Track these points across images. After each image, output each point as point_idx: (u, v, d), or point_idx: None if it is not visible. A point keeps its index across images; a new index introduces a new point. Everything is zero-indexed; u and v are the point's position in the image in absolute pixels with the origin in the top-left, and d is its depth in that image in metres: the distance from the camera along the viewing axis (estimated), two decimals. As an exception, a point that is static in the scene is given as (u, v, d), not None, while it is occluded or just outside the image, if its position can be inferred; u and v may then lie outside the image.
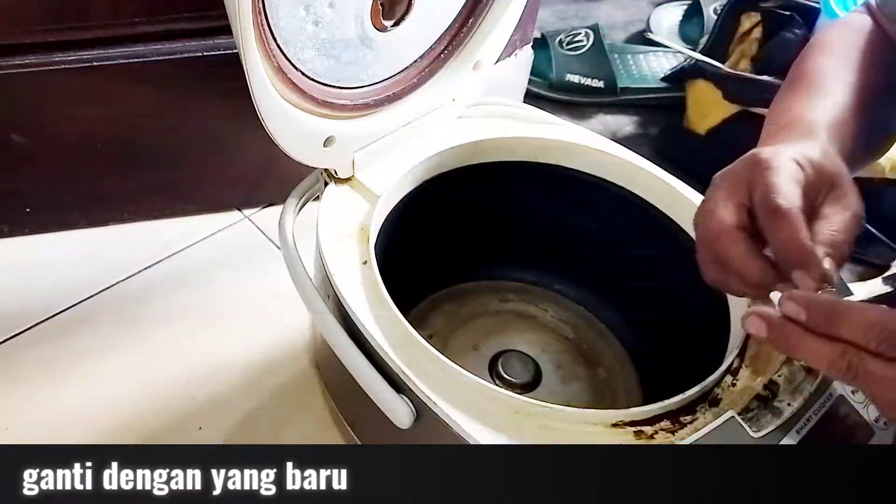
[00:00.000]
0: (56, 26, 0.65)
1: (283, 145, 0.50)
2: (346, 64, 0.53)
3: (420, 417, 0.44)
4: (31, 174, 0.74)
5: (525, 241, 0.67)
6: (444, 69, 0.59)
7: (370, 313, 0.47)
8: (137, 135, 0.74)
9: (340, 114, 0.54)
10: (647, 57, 1.12)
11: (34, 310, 0.71)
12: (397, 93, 0.57)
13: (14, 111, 0.69)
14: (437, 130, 0.60)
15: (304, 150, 0.52)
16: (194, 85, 0.70)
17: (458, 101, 0.62)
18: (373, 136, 0.57)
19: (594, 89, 1.08)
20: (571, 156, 0.60)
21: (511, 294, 0.69)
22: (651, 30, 1.18)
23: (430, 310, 0.67)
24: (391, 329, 0.46)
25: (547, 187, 0.62)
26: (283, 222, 0.54)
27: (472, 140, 0.59)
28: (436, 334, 0.66)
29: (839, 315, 0.35)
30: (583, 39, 1.10)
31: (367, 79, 0.55)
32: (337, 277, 0.49)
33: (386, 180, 0.56)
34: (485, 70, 0.62)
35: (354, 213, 0.54)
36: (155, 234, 0.80)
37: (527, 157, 0.61)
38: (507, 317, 0.68)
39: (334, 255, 0.50)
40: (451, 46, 0.59)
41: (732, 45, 0.98)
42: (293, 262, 0.51)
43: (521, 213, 0.65)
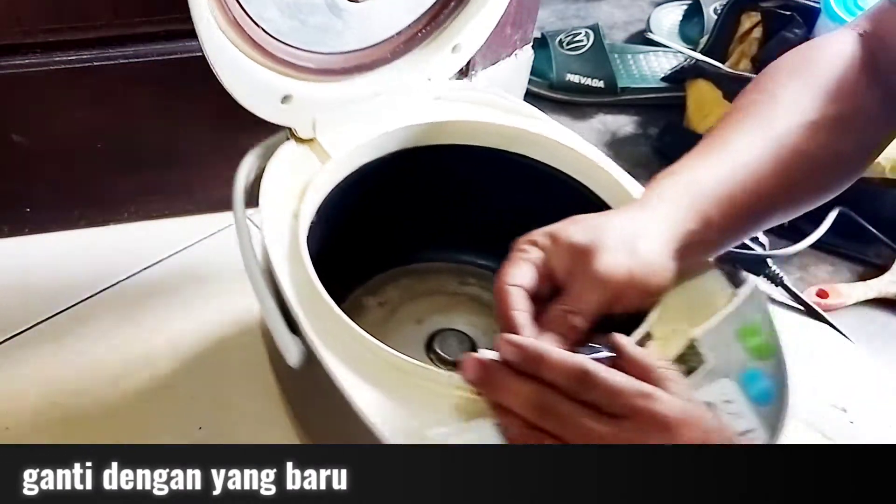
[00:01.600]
0: (56, 26, 0.65)
1: (235, 96, 0.52)
2: (312, 28, 0.53)
3: (309, 361, 0.47)
4: (31, 174, 0.74)
5: (491, 228, 0.67)
6: (420, 48, 0.60)
7: (286, 261, 0.49)
8: (137, 135, 0.74)
9: (302, 75, 0.55)
10: (647, 57, 1.12)
11: (34, 310, 0.71)
12: (367, 64, 0.57)
13: (14, 111, 0.69)
14: (409, 107, 0.61)
15: (258, 104, 0.54)
16: (194, 85, 0.70)
17: (434, 82, 0.62)
18: (336, 101, 0.58)
19: (594, 89, 1.08)
20: (534, 146, 0.61)
21: (472, 279, 0.70)
22: (651, 30, 1.18)
23: (389, 281, 0.68)
24: (300, 278, 0.48)
25: (512, 176, 0.63)
26: (238, 174, 0.55)
27: (437, 120, 0.61)
28: (386, 303, 0.66)
29: (545, 356, 0.38)
30: (583, 39, 1.10)
31: (336, 47, 0.56)
32: (267, 225, 0.51)
33: (345, 145, 0.57)
34: (464, 55, 0.62)
35: (307, 172, 0.56)
36: (155, 234, 0.80)
37: (492, 144, 0.62)
38: (461, 299, 0.68)
39: (272, 206, 0.53)
40: (430, 27, 0.59)
41: (733, 44, 0.98)
42: (238, 212, 0.53)
43: (486, 200, 0.66)
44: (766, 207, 0.49)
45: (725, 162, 0.47)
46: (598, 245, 0.43)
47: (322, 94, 0.57)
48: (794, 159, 0.48)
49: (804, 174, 0.49)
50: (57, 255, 0.77)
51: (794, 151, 0.48)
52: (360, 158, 0.59)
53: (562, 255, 0.44)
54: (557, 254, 0.44)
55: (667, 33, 1.18)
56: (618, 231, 0.44)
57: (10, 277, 0.74)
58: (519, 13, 0.89)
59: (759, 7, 0.95)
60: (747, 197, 0.47)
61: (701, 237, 0.46)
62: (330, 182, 0.57)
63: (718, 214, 0.46)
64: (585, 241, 0.44)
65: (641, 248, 0.44)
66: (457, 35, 0.60)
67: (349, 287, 0.67)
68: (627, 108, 1.08)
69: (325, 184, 0.56)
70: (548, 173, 0.61)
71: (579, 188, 0.60)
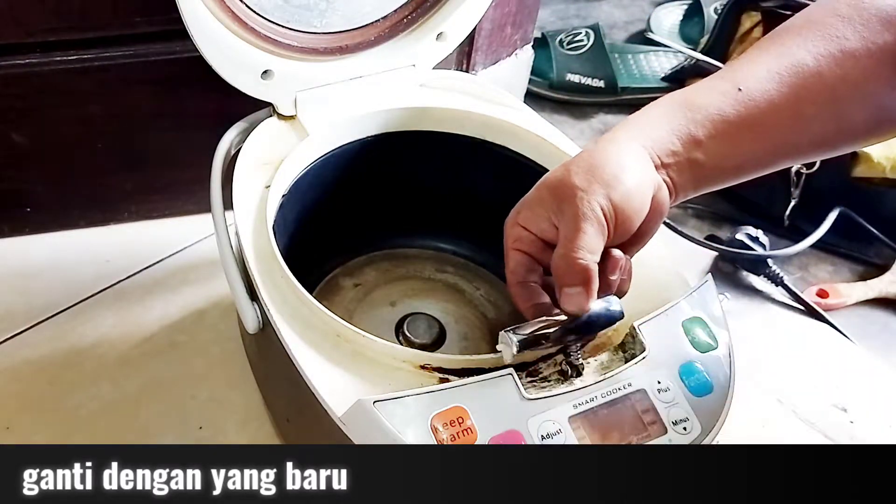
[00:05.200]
0: (56, 26, 0.65)
1: (214, 66, 0.53)
2: (296, 7, 0.54)
3: (265, 327, 0.49)
4: (31, 174, 0.74)
5: (470, 217, 0.68)
6: (405, 34, 0.60)
7: (251, 230, 0.51)
8: (137, 135, 0.74)
9: (284, 52, 0.55)
10: (647, 56, 1.12)
11: (34, 309, 0.71)
12: (350, 46, 0.58)
13: (14, 111, 0.69)
14: (392, 91, 0.62)
15: (238, 77, 0.55)
16: (194, 85, 0.70)
17: (419, 68, 0.63)
18: (318, 80, 0.58)
19: (594, 89, 1.08)
20: (514, 137, 0.61)
21: (450, 267, 0.70)
22: (651, 29, 1.18)
23: (367, 264, 0.69)
24: (262, 247, 0.49)
25: (492, 166, 0.63)
26: (218, 147, 0.56)
27: (420, 106, 0.61)
28: (361, 285, 0.66)
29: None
30: (583, 39, 1.10)
31: (320, 27, 0.56)
32: (238, 194, 0.53)
33: (326, 124, 0.58)
34: (450, 43, 0.63)
35: (286, 148, 0.56)
36: (155, 234, 0.80)
37: (473, 133, 0.62)
38: (436, 285, 0.68)
39: (246, 177, 0.54)
40: (416, 13, 0.60)
41: (733, 44, 0.98)
42: (215, 183, 0.55)
43: (466, 189, 0.66)
44: (760, 139, 0.44)
45: (726, 81, 0.44)
46: (569, 184, 0.42)
47: (304, 73, 0.57)
48: (809, 87, 0.43)
49: (817, 108, 0.44)
50: (57, 255, 0.77)
51: (813, 78, 0.43)
52: (340, 138, 0.59)
53: (544, 217, 0.43)
54: (541, 217, 0.44)
55: (667, 33, 1.18)
56: (586, 162, 0.43)
57: (10, 277, 0.74)
58: (519, 13, 0.89)
59: (760, 7, 0.95)
60: (741, 120, 0.43)
61: (685, 158, 0.44)
62: (307, 158, 0.57)
63: (706, 134, 0.43)
64: (559, 181, 0.43)
65: (620, 176, 0.42)
66: (442, 23, 0.61)
67: (328, 268, 0.67)
68: (628, 108, 1.08)
69: (302, 159, 0.57)
70: (527, 165, 0.61)
71: None
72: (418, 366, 0.44)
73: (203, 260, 0.78)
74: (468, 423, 0.40)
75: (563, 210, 0.42)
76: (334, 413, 0.41)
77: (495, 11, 0.85)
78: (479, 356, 0.45)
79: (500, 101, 0.63)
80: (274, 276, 0.48)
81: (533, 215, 0.44)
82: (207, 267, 0.77)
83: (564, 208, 0.42)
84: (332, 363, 0.44)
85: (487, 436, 0.40)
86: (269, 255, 0.49)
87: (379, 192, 0.65)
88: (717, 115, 0.44)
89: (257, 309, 0.50)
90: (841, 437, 0.69)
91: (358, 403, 0.40)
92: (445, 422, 0.40)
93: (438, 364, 0.44)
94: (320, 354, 0.44)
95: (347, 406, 0.41)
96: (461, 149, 0.62)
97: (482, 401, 0.41)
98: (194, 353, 0.69)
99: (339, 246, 0.67)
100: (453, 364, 0.44)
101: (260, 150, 0.56)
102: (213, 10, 0.50)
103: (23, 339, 0.69)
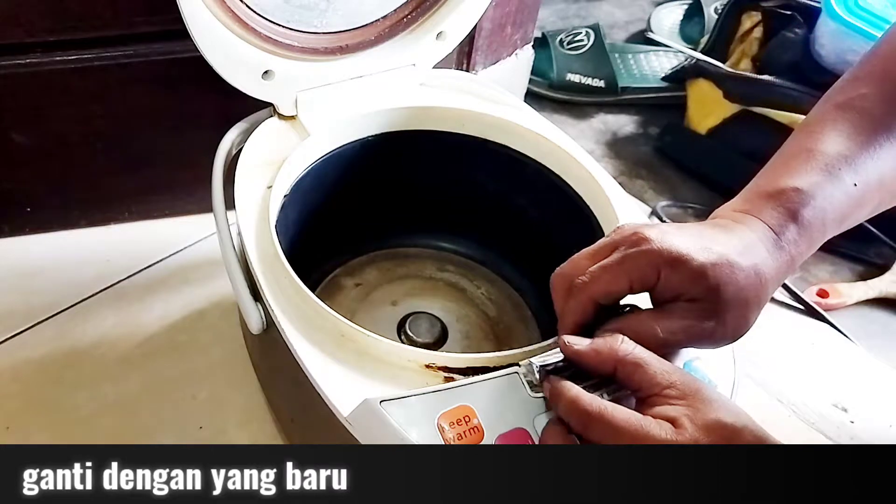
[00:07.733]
0: (56, 26, 0.65)
1: (215, 66, 0.53)
2: (296, 7, 0.54)
3: (269, 327, 0.49)
4: (31, 174, 0.74)
5: (471, 216, 0.68)
6: (405, 33, 0.60)
7: (254, 230, 0.51)
8: (137, 135, 0.74)
9: (285, 52, 0.55)
10: (647, 56, 1.12)
11: (35, 309, 0.71)
12: (351, 45, 0.58)
13: (14, 111, 0.69)
14: (393, 91, 0.62)
15: (239, 77, 0.55)
16: (194, 85, 0.70)
17: (419, 68, 0.63)
18: (319, 80, 0.59)
19: (595, 89, 1.08)
20: (514, 136, 0.61)
21: (451, 266, 0.70)
22: (652, 29, 1.18)
23: (368, 263, 0.69)
24: (265, 246, 0.50)
25: (492, 165, 0.63)
26: (220, 146, 0.56)
27: (420, 105, 0.61)
28: (362, 284, 0.67)
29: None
30: (583, 39, 1.10)
31: (321, 27, 0.56)
32: (240, 194, 0.53)
33: (326, 124, 0.58)
34: (450, 42, 0.63)
35: (287, 148, 0.56)
36: (155, 234, 0.80)
37: (473, 132, 0.62)
38: (437, 284, 0.68)
39: (248, 177, 0.54)
40: (416, 13, 0.60)
41: (733, 44, 0.99)
42: (217, 183, 0.55)
43: (468, 189, 0.66)
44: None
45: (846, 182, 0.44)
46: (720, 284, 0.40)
47: (305, 73, 0.58)
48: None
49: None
50: (57, 255, 0.77)
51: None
52: (340, 138, 0.59)
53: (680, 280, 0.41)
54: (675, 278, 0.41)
55: (667, 33, 1.18)
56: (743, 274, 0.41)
57: (10, 277, 0.74)
58: (519, 13, 0.89)
59: (760, 7, 0.95)
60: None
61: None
62: (308, 158, 0.57)
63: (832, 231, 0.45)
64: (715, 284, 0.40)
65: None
66: (442, 22, 0.61)
67: (329, 267, 0.67)
68: (628, 108, 1.08)
69: (303, 159, 0.57)
70: (526, 164, 0.61)
71: (555, 180, 0.60)
72: (423, 365, 0.44)
73: (203, 260, 0.78)
74: (475, 421, 0.40)
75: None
76: (340, 413, 0.41)
77: (495, 11, 0.85)
78: (484, 354, 0.45)
79: (501, 100, 0.63)
80: (277, 276, 0.48)
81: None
82: (208, 267, 0.77)
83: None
84: (337, 363, 0.44)
85: (494, 434, 0.40)
86: (272, 256, 0.49)
87: (380, 192, 0.65)
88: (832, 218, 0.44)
89: (261, 309, 0.50)
90: (841, 437, 0.69)
91: (364, 403, 0.40)
92: (452, 421, 0.40)
93: (444, 363, 0.44)
94: (325, 354, 0.44)
95: (353, 406, 0.41)
96: (462, 148, 0.63)
97: (488, 399, 0.41)
98: (195, 353, 0.69)
99: (341, 246, 0.68)
100: (458, 363, 0.44)
101: (261, 151, 0.56)
102: (214, 11, 0.50)
103: (23, 339, 0.69)
